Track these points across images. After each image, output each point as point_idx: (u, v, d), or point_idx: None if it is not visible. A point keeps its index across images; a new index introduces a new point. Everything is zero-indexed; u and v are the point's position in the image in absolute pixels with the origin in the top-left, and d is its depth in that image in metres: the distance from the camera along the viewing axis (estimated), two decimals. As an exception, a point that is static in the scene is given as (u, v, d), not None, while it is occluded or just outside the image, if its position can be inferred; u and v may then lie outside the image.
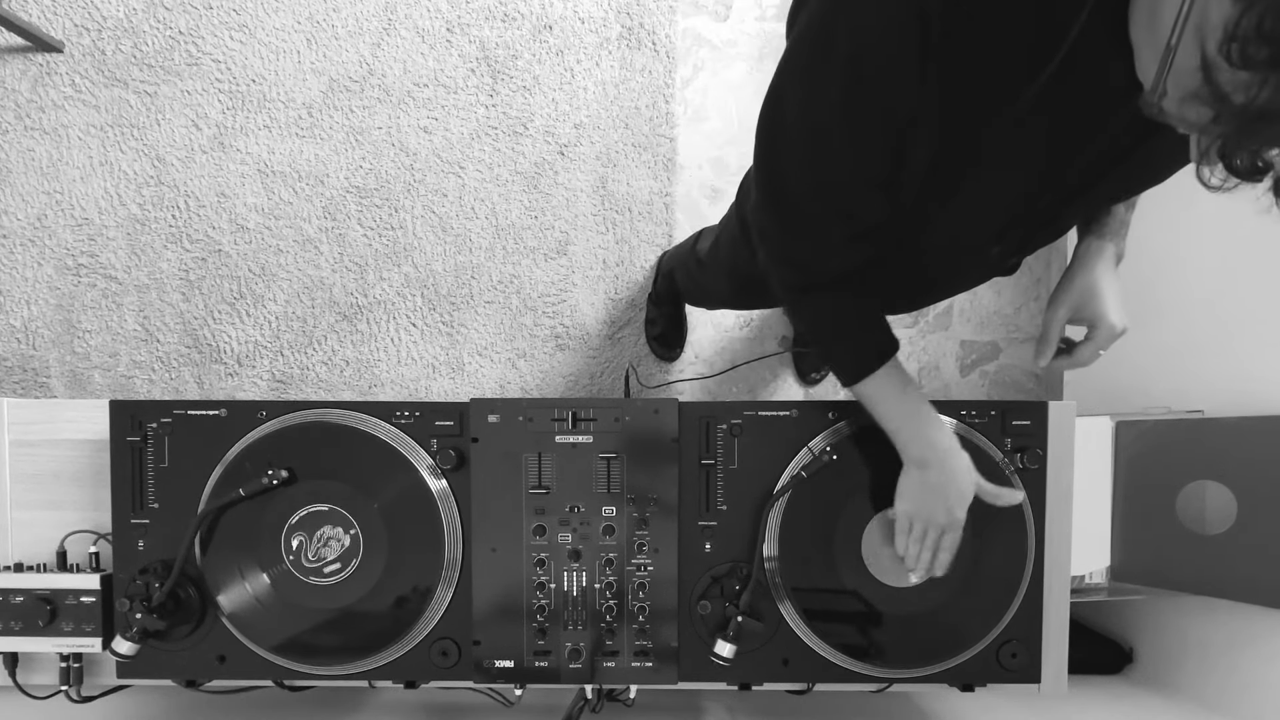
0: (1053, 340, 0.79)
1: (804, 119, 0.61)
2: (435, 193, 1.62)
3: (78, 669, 0.89)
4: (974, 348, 1.70)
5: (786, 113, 0.62)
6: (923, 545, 0.80)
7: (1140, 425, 1.17)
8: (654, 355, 1.65)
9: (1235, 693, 1.12)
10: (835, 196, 0.65)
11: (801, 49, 0.58)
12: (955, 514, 0.78)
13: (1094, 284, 0.77)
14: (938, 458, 0.77)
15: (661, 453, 0.85)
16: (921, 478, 0.78)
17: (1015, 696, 1.07)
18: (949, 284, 0.87)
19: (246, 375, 1.62)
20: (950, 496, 0.77)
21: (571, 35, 1.62)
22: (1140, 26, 0.47)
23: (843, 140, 0.60)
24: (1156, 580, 1.14)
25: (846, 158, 0.62)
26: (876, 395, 0.77)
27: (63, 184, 1.59)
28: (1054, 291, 0.80)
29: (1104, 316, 0.77)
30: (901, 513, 0.81)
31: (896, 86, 0.55)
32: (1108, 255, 0.78)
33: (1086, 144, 0.60)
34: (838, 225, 0.68)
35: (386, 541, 0.85)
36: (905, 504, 0.80)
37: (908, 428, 0.77)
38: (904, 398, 0.77)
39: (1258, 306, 1.14)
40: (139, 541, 0.86)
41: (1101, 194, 0.69)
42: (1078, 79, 0.53)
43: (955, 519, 0.78)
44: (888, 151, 0.60)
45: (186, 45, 1.58)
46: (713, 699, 1.09)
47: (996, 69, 0.53)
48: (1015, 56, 0.53)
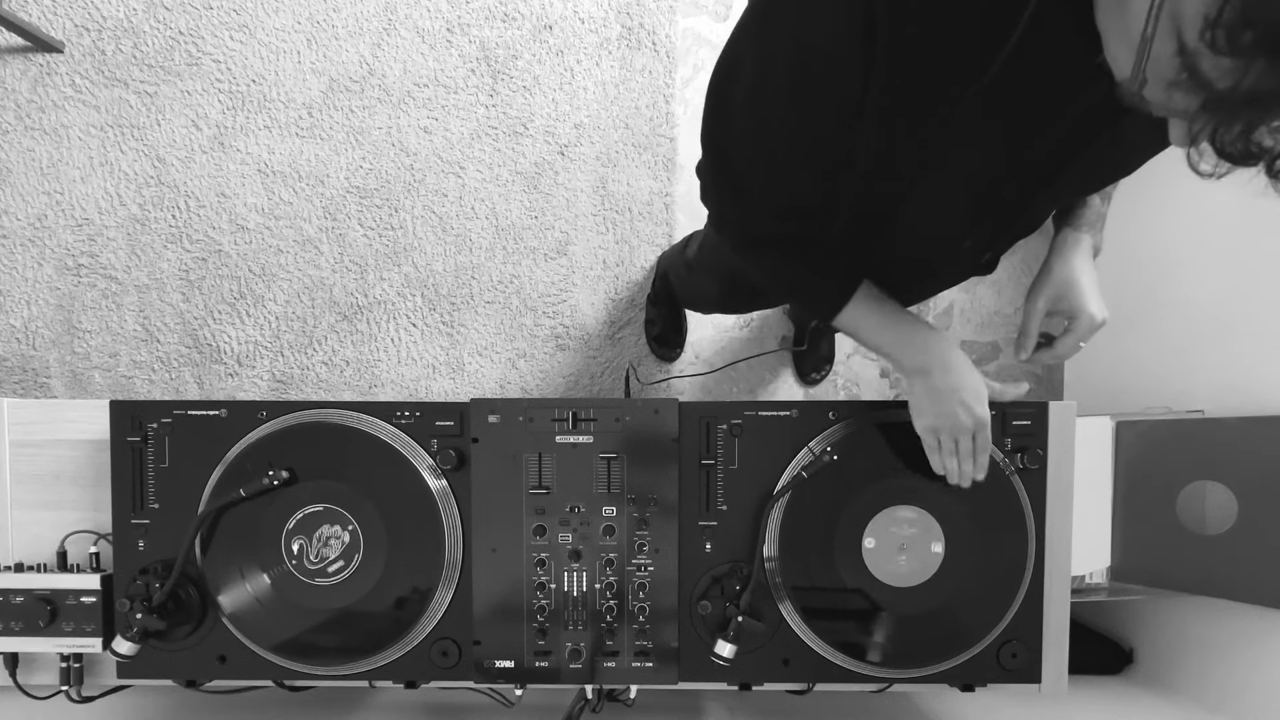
0: (1032, 333, 0.79)
1: (750, 99, 0.61)
2: (435, 193, 1.62)
3: (78, 669, 0.89)
4: (974, 348, 1.70)
5: (735, 88, 0.62)
6: (958, 455, 0.78)
7: (1140, 425, 1.17)
8: (654, 356, 1.65)
9: (1235, 693, 1.12)
10: (773, 174, 0.66)
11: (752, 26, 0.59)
12: (976, 411, 0.76)
13: (1071, 276, 0.77)
14: (936, 360, 0.75)
15: (662, 453, 0.85)
16: (927, 385, 0.76)
17: (1015, 696, 1.07)
18: (923, 282, 0.87)
19: (246, 375, 1.62)
20: (965, 393, 0.75)
21: (571, 35, 1.62)
22: (1107, 13, 0.46)
23: (785, 126, 0.61)
24: (1156, 580, 1.14)
25: (787, 142, 0.62)
26: (854, 323, 0.77)
27: (63, 184, 1.58)
28: (1032, 284, 0.80)
29: (1083, 308, 0.77)
30: (924, 429, 0.78)
31: (841, 82, 0.55)
32: (1084, 247, 0.78)
33: (1046, 130, 0.60)
34: (771, 199, 0.69)
35: (387, 542, 0.85)
36: (924, 419, 0.78)
37: (896, 339, 0.77)
38: (883, 314, 0.76)
39: (1258, 306, 1.14)
40: (139, 542, 0.86)
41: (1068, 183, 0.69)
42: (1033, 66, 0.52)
43: (979, 416, 0.76)
44: (831, 142, 0.61)
45: (186, 45, 1.58)
46: (713, 699, 1.09)
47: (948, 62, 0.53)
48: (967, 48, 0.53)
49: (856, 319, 0.76)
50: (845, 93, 0.56)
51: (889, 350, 0.78)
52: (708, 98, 0.66)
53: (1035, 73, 0.54)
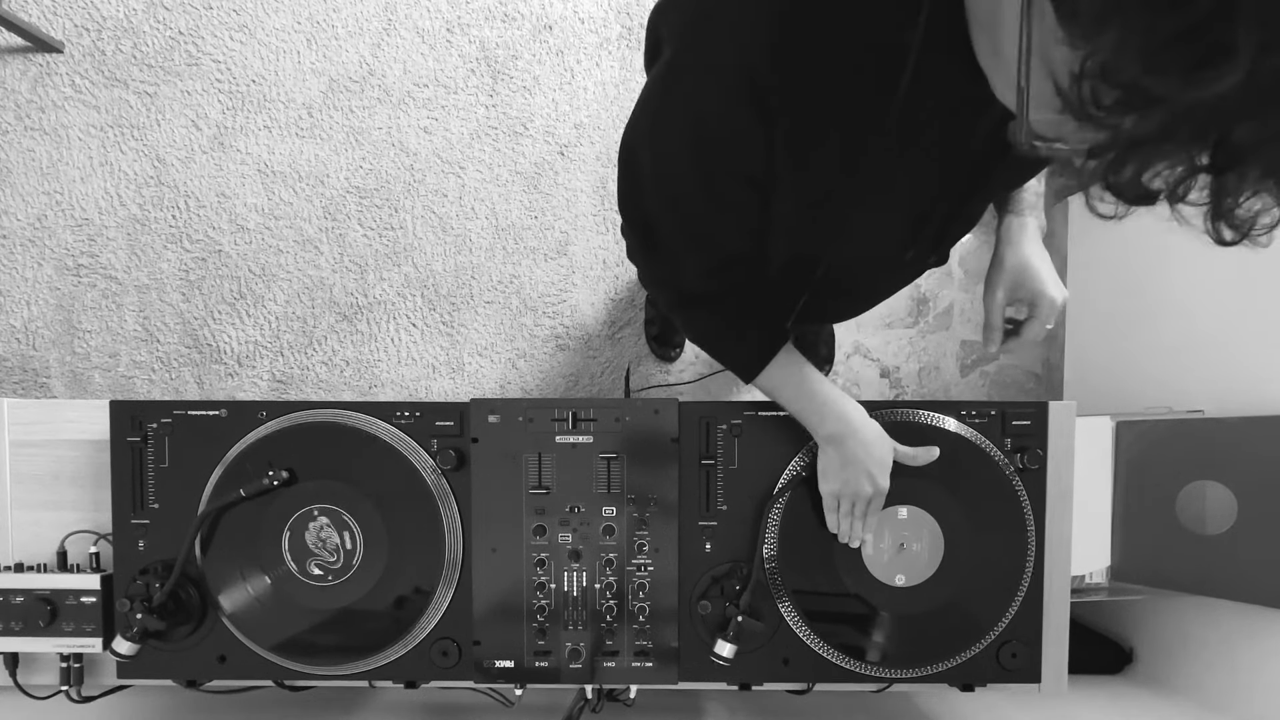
0: (996, 325, 0.80)
1: (657, 177, 0.62)
2: (435, 193, 1.62)
3: (78, 669, 0.89)
4: (974, 348, 1.70)
5: (640, 165, 0.63)
6: (853, 518, 0.82)
7: (1140, 425, 1.17)
8: (654, 355, 1.65)
9: (1235, 693, 1.12)
10: (692, 234, 0.66)
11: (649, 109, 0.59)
12: (879, 482, 0.80)
13: (1024, 262, 0.78)
14: (850, 429, 0.78)
15: (661, 453, 0.85)
16: (839, 454, 0.79)
17: (1015, 696, 1.07)
18: (872, 294, 0.87)
19: (246, 375, 1.62)
20: (871, 464, 0.79)
21: (571, 35, 1.62)
22: (985, 54, 0.46)
23: (696, 195, 0.61)
24: (1156, 580, 1.14)
25: (701, 207, 0.63)
26: (773, 386, 0.78)
27: (63, 184, 1.59)
28: (987, 276, 0.80)
29: (1042, 293, 0.77)
30: (828, 493, 0.82)
31: (742, 154, 0.56)
32: (1030, 230, 0.78)
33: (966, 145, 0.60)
34: (696, 258, 0.69)
35: (387, 541, 0.85)
36: (829, 484, 0.81)
37: (812, 408, 0.78)
38: (801, 381, 0.78)
39: (1258, 306, 1.14)
40: (139, 542, 0.86)
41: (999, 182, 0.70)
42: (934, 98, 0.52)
43: (880, 487, 0.80)
44: (744, 201, 0.61)
45: (186, 45, 1.58)
46: (713, 699, 1.09)
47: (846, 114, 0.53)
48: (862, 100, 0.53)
49: (775, 382, 0.78)
50: (750, 162, 0.57)
51: (805, 416, 0.79)
52: (619, 168, 0.67)
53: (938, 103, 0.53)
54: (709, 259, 0.69)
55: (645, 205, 0.66)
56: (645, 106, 0.60)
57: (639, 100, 0.61)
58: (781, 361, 0.76)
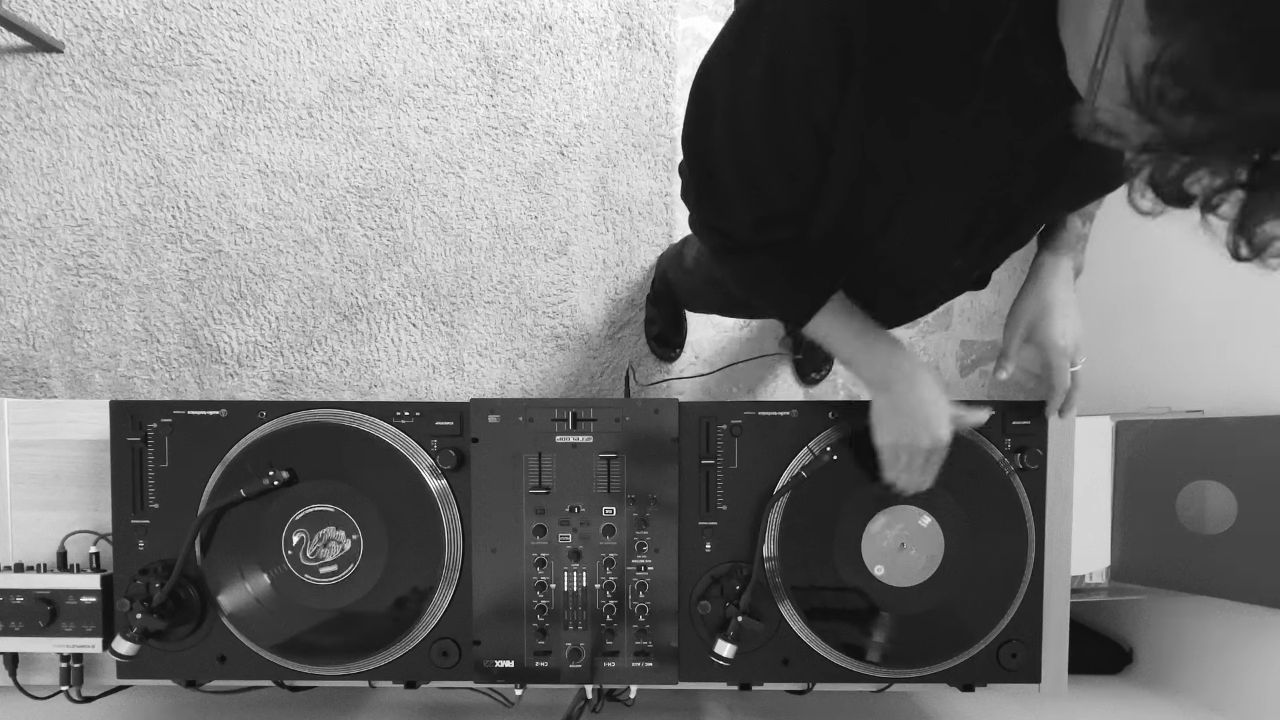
0: (1011, 355, 0.81)
1: (728, 106, 0.62)
2: (435, 193, 1.62)
3: (78, 669, 0.89)
4: (974, 348, 1.70)
5: (714, 93, 0.63)
6: (910, 471, 0.78)
7: (1140, 425, 1.17)
8: (654, 355, 1.65)
9: (1235, 693, 1.12)
10: (749, 180, 0.66)
11: (732, 35, 0.59)
12: (937, 432, 0.74)
13: (1048, 305, 0.79)
14: (901, 374, 0.75)
15: (661, 453, 0.85)
16: (890, 401, 0.76)
17: (1015, 696, 1.07)
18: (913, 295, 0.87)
19: (246, 375, 1.62)
20: (927, 411, 0.74)
21: (571, 35, 1.62)
22: (1070, 31, 0.47)
23: (760, 133, 0.61)
24: (1156, 580, 1.14)
25: (763, 149, 0.63)
26: (825, 331, 0.77)
27: (63, 184, 1.59)
28: (1012, 306, 0.81)
29: (1053, 343, 0.79)
30: (885, 446, 0.78)
31: (815, 95, 0.56)
32: (1063, 272, 0.79)
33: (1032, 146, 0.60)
34: (749, 207, 0.69)
35: (387, 541, 0.85)
36: (885, 435, 0.77)
37: (863, 351, 0.76)
38: (851, 324, 0.76)
39: (1258, 306, 1.14)
40: (139, 542, 0.86)
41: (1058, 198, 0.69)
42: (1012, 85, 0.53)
43: (939, 438, 0.75)
44: (806, 151, 0.62)
45: (186, 45, 1.58)
46: (713, 699, 1.09)
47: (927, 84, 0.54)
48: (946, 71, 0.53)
49: (827, 327, 0.76)
50: (820, 106, 0.57)
51: (856, 360, 0.77)
52: (689, 103, 0.67)
53: (1015, 92, 0.54)
54: (759, 209, 0.69)
55: (710, 138, 0.66)
56: (731, 29, 0.60)
57: (725, 25, 0.61)
58: (835, 305, 0.75)
